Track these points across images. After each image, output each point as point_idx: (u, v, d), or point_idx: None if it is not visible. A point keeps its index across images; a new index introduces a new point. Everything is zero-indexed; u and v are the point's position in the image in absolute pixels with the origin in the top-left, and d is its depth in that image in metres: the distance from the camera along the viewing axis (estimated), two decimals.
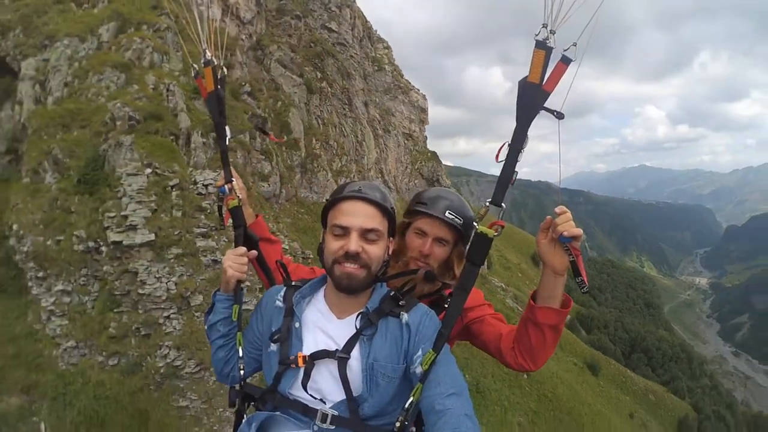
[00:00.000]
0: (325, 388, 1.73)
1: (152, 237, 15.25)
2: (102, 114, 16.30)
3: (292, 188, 29.89)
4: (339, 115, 38.78)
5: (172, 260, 15.49)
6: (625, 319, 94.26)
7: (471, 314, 2.13)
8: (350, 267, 1.73)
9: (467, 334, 2.18)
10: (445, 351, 1.72)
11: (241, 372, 1.97)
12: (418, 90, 59.50)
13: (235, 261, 1.98)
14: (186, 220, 16.19)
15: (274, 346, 1.83)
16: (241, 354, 1.98)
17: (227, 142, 2.22)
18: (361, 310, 1.81)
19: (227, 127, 2.20)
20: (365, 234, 1.75)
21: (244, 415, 1.93)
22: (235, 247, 2.09)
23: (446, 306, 1.84)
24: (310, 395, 1.72)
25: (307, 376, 1.72)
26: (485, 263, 2.00)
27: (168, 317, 15.09)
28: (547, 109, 1.67)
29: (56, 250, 13.91)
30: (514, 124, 1.67)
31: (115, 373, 14.52)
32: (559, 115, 1.69)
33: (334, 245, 1.76)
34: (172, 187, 15.89)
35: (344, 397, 1.70)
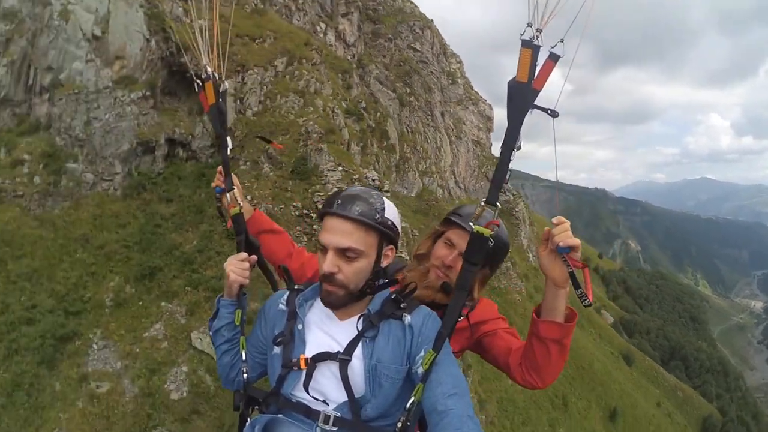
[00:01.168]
0: (327, 390, 1.76)
1: None
2: (296, 127, 24.81)
3: (390, 184, 38.63)
4: (423, 124, 47.13)
5: None
6: (667, 328, 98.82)
7: (484, 327, 2.18)
8: (328, 287, 1.76)
9: (479, 348, 2.22)
10: (446, 352, 1.76)
11: (245, 376, 2.00)
12: (485, 100, 67.20)
13: (237, 266, 2.04)
14: None
15: (277, 349, 1.87)
16: (244, 358, 2.01)
17: (228, 152, 2.32)
18: (363, 313, 1.83)
19: (228, 138, 2.30)
20: (342, 253, 1.75)
21: (248, 419, 1.95)
22: (237, 252, 2.15)
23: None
24: (312, 397, 1.75)
25: (309, 377, 1.76)
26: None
27: None
28: (540, 107, 1.70)
29: (280, 215, 22.40)
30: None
31: None
32: (553, 113, 1.71)
33: (319, 262, 1.80)
34: (355, 180, 24.35)
35: (346, 398, 1.73)
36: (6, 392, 16.20)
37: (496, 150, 63.86)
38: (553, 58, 1.62)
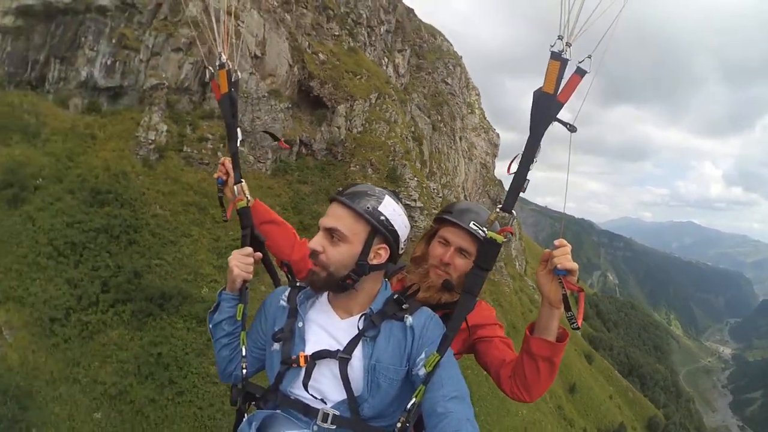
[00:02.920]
0: (325, 388, 1.80)
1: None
2: (386, 147, 36.45)
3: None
4: (447, 146, 59.11)
5: None
6: (629, 349, 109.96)
7: (481, 332, 2.21)
8: (313, 266, 1.82)
9: (473, 350, 2.26)
10: (449, 354, 1.78)
11: (244, 371, 2.03)
12: (494, 129, 79.73)
13: (241, 261, 2.05)
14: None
15: (276, 345, 1.90)
16: (244, 353, 2.04)
17: (237, 144, 2.30)
18: (365, 312, 1.87)
19: (239, 130, 2.28)
20: (329, 233, 1.81)
21: (245, 414, 1.99)
22: (242, 247, 2.15)
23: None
24: (311, 395, 1.79)
25: (308, 375, 1.79)
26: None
27: None
28: (561, 121, 1.75)
29: None
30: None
31: None
32: (572, 128, 1.75)
33: None
34: (423, 187, 36.47)
35: (344, 397, 1.77)
36: None
37: (498, 173, 76.55)
38: (580, 73, 1.68)
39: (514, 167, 1.79)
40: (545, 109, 1.73)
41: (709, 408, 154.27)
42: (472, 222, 2.24)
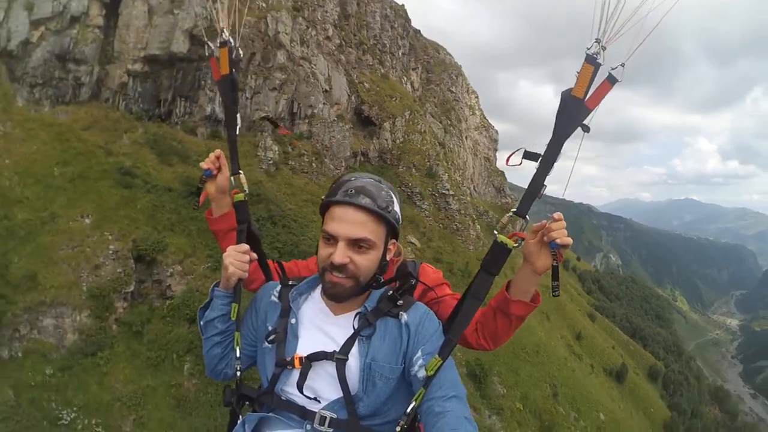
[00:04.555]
0: (320, 388, 1.82)
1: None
2: (422, 153, 49.17)
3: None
4: (456, 146, 71.93)
5: None
6: (631, 316, 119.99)
7: (431, 294, 2.26)
8: (337, 277, 1.79)
9: None
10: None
11: (238, 372, 2.05)
12: (494, 126, 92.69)
13: (236, 258, 2.04)
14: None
15: (269, 345, 1.91)
16: (238, 354, 2.04)
17: (236, 131, 2.28)
18: (359, 310, 1.89)
19: (238, 115, 2.26)
20: (354, 243, 1.79)
21: (240, 415, 2.00)
22: (237, 243, 2.13)
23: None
24: (305, 395, 1.81)
25: (303, 376, 1.80)
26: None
27: None
28: (582, 125, 1.76)
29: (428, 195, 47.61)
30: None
31: None
32: (586, 129, 1.78)
33: (323, 252, 1.83)
34: (453, 180, 49.47)
35: (339, 395, 1.79)
36: None
37: (499, 165, 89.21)
38: (611, 81, 1.67)
39: (514, 160, 1.89)
40: (573, 113, 1.75)
41: (719, 378, 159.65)
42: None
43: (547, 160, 1.83)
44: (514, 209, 1.91)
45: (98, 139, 31.99)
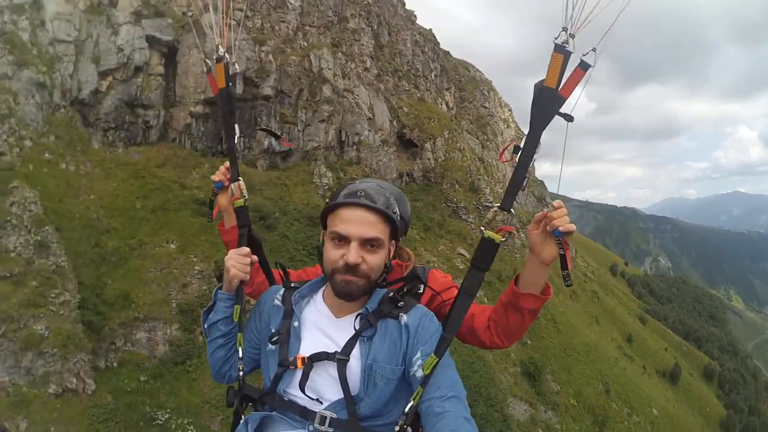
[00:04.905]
0: (322, 389, 1.84)
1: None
2: (464, 168, 51.99)
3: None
4: (494, 159, 74.01)
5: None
6: (683, 317, 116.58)
7: (439, 298, 2.25)
8: (349, 277, 1.83)
9: (438, 316, 2.17)
10: (446, 356, 1.82)
11: (241, 373, 2.09)
12: None
13: (238, 261, 2.10)
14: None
15: (272, 347, 1.95)
16: (241, 354, 2.09)
17: (235, 141, 2.37)
18: (360, 311, 1.92)
19: (236, 126, 2.36)
20: (365, 243, 1.84)
21: (242, 416, 2.05)
22: (239, 246, 2.20)
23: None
24: (307, 396, 1.84)
25: (305, 377, 1.83)
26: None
27: None
28: (560, 114, 1.78)
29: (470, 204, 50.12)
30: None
31: None
32: (569, 118, 1.79)
33: (334, 254, 1.86)
34: (495, 196, 51.80)
35: (340, 396, 1.81)
36: None
37: (538, 174, 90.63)
38: (583, 67, 1.70)
39: (506, 155, 1.89)
40: (547, 103, 1.76)
41: None
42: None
43: (526, 154, 1.85)
44: (498, 204, 1.91)
45: (171, 175, 36.00)
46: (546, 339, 41.94)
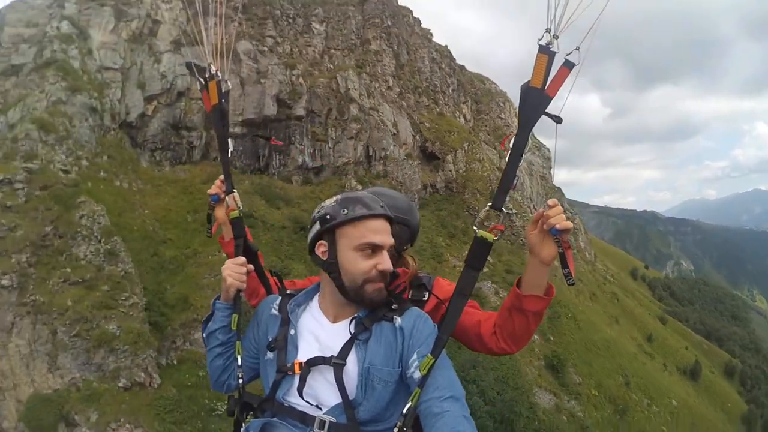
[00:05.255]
0: (320, 394, 1.85)
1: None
2: (484, 179, 55.06)
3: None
4: (518, 170, 76.50)
5: None
6: (705, 318, 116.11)
7: (443, 307, 2.19)
8: (381, 284, 1.88)
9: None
10: (443, 355, 1.82)
11: (240, 381, 2.11)
12: (545, 145, 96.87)
13: (234, 270, 2.13)
14: None
15: (270, 355, 1.97)
16: (240, 363, 2.11)
17: (228, 155, 2.40)
18: (355, 315, 1.93)
19: (230, 140, 2.38)
20: (387, 251, 1.91)
21: (243, 424, 2.05)
22: (235, 256, 2.24)
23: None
24: (306, 401, 1.84)
25: (302, 382, 1.84)
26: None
27: None
28: (549, 115, 1.79)
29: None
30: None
31: None
32: (558, 120, 1.81)
33: (366, 264, 1.87)
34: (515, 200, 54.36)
35: (339, 401, 1.81)
36: None
37: (556, 181, 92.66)
38: (568, 66, 1.71)
39: (508, 145, 1.87)
40: (534, 103, 1.77)
41: None
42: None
43: (515, 154, 1.87)
44: (490, 203, 1.91)
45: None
46: (567, 335, 44.17)
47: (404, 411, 1.75)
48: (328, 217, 1.91)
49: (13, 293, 24.65)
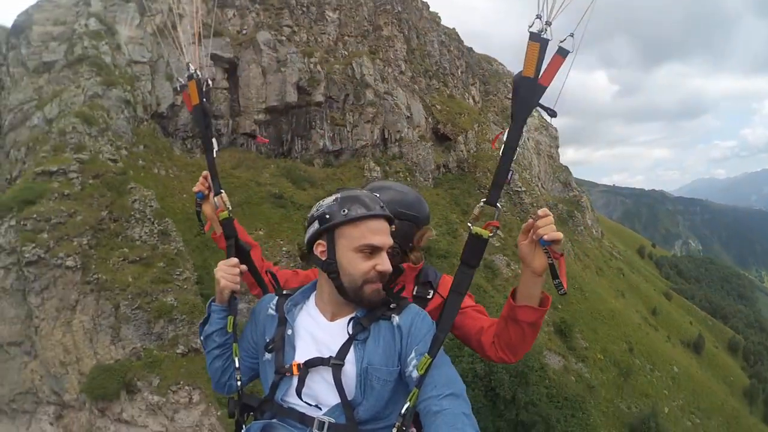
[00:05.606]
0: (319, 395, 1.87)
1: None
2: (495, 158, 55.25)
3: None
4: (521, 147, 79.17)
5: None
6: (710, 295, 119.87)
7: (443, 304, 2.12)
8: (380, 285, 1.90)
9: None
10: (441, 353, 1.83)
11: (239, 382, 2.13)
12: (552, 125, 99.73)
13: (227, 272, 2.17)
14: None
15: (269, 355, 1.99)
16: (237, 364, 2.13)
17: (214, 155, 2.40)
18: (353, 315, 1.94)
19: (214, 140, 2.38)
20: (386, 251, 1.92)
21: (243, 425, 2.07)
22: (227, 258, 2.26)
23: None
24: (305, 402, 1.86)
25: (301, 383, 1.86)
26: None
27: None
28: (542, 106, 1.76)
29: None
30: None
31: None
32: (552, 113, 1.80)
33: (365, 265, 1.88)
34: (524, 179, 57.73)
35: (338, 401, 1.83)
36: None
37: (563, 160, 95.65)
38: (562, 54, 1.67)
39: (501, 140, 1.86)
40: (527, 94, 1.74)
41: None
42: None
43: (509, 147, 1.85)
44: (484, 199, 1.89)
45: (246, 174, 42.56)
46: (574, 305, 47.32)
47: (402, 411, 1.77)
48: (327, 216, 1.93)
49: (77, 273, 26.81)
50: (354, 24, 58.76)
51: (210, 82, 2.40)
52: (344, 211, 1.90)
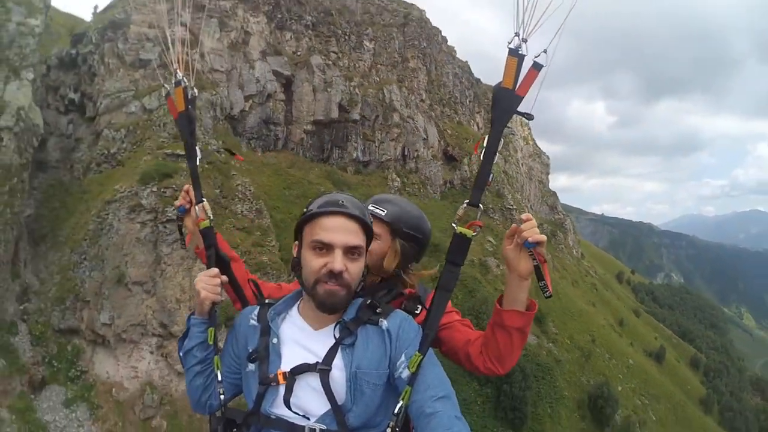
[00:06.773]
0: (307, 403, 1.87)
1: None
2: (494, 181, 70.57)
3: None
4: (514, 172, 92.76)
5: None
6: (680, 320, 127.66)
7: (430, 302, 2.21)
8: (333, 286, 1.88)
9: (435, 341, 2.25)
10: (431, 354, 1.91)
11: (222, 397, 2.12)
12: (545, 153, 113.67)
13: (208, 283, 2.18)
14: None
15: (252, 366, 1.98)
16: (220, 378, 2.12)
17: (197, 163, 2.44)
18: (339, 321, 1.96)
19: (198, 148, 2.45)
20: (347, 252, 1.90)
21: None
22: (207, 268, 2.28)
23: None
24: (294, 412, 1.86)
25: (289, 391, 1.86)
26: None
27: None
28: (519, 113, 1.99)
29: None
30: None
31: None
32: (529, 117, 2.02)
33: (316, 263, 1.90)
34: (516, 199, 71.06)
35: (328, 408, 1.84)
36: None
37: (555, 186, 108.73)
38: (537, 67, 1.90)
39: (482, 145, 2.05)
40: (506, 103, 1.96)
41: None
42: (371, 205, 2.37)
43: (489, 151, 2.03)
44: (467, 200, 2.05)
45: (298, 173, 54.46)
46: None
47: (396, 410, 1.82)
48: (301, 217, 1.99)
49: None
50: (386, 54, 71.23)
51: (196, 90, 2.49)
52: (309, 207, 2.01)
